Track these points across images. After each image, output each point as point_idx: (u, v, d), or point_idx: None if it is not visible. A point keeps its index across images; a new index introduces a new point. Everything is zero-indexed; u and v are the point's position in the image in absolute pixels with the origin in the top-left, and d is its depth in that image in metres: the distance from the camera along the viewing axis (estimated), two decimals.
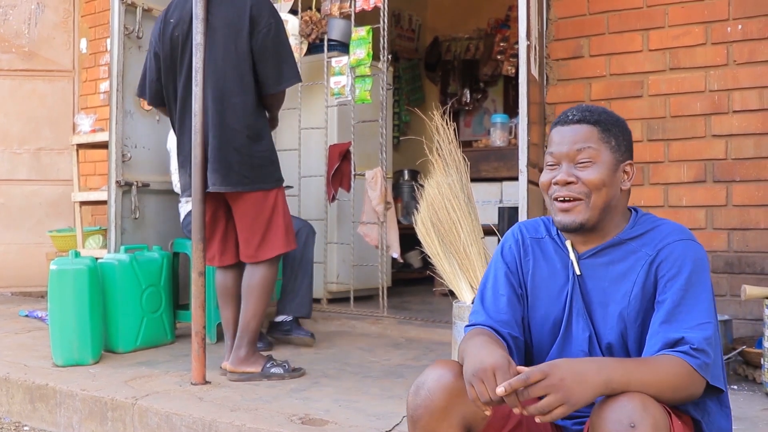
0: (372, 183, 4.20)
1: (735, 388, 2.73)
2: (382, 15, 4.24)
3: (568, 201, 1.47)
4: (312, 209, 4.50)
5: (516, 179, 2.88)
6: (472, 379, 1.30)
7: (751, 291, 2.65)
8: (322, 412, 2.39)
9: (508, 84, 6.97)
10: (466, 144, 5.27)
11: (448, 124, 3.05)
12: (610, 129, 1.49)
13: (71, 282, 3.10)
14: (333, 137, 4.59)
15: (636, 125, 3.35)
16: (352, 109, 4.41)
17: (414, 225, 3.08)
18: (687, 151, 3.28)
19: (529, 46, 2.87)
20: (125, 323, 3.37)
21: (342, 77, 4.35)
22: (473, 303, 1.69)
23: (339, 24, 4.57)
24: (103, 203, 3.99)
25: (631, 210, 1.55)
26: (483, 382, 1.28)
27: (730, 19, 3.19)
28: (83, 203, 4.62)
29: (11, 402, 2.92)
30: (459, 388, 1.39)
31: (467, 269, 2.89)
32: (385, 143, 4.36)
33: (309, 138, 4.55)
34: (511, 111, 6.23)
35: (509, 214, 4.46)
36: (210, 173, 2.81)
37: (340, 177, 4.34)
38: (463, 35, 7.36)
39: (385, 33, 4.29)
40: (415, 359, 3.29)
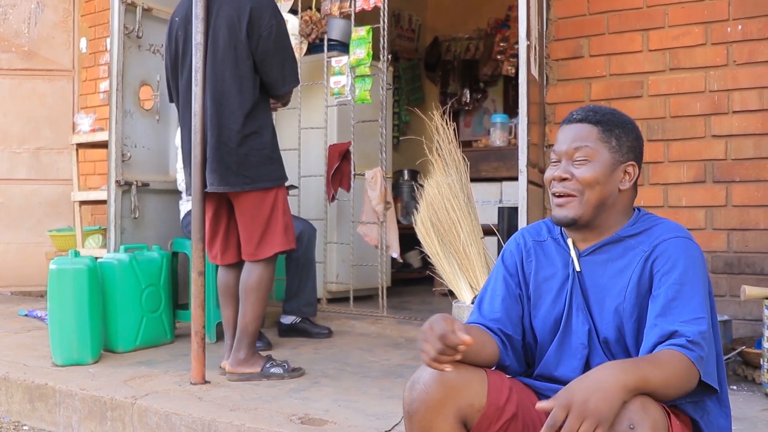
0: (372, 183, 4.20)
1: (734, 388, 2.73)
2: (382, 15, 4.24)
3: (562, 197, 1.51)
4: (312, 209, 4.50)
5: (516, 179, 2.88)
6: (419, 345, 1.38)
7: (751, 291, 2.65)
8: (321, 411, 2.39)
9: (507, 84, 6.97)
10: (465, 144, 5.27)
11: (447, 124, 3.06)
12: (612, 130, 1.51)
13: (71, 281, 3.10)
14: (333, 137, 4.59)
15: None
16: (351, 109, 4.41)
17: (414, 225, 3.08)
18: (687, 152, 3.28)
19: (529, 46, 2.87)
20: (125, 323, 3.37)
21: (342, 77, 4.35)
22: (473, 304, 1.71)
23: (339, 24, 4.57)
24: (103, 203, 3.99)
25: (636, 209, 1.57)
26: (425, 341, 1.36)
27: (730, 20, 3.19)
28: (83, 203, 4.62)
29: (10, 401, 2.92)
30: (454, 382, 1.42)
31: (467, 269, 2.89)
32: (385, 143, 4.35)
33: (309, 138, 4.55)
34: (511, 111, 6.23)
35: (509, 214, 4.46)
36: (208, 173, 2.81)
37: (339, 177, 4.34)
38: (463, 35, 7.35)
39: (385, 33, 4.29)
40: (415, 359, 3.29)
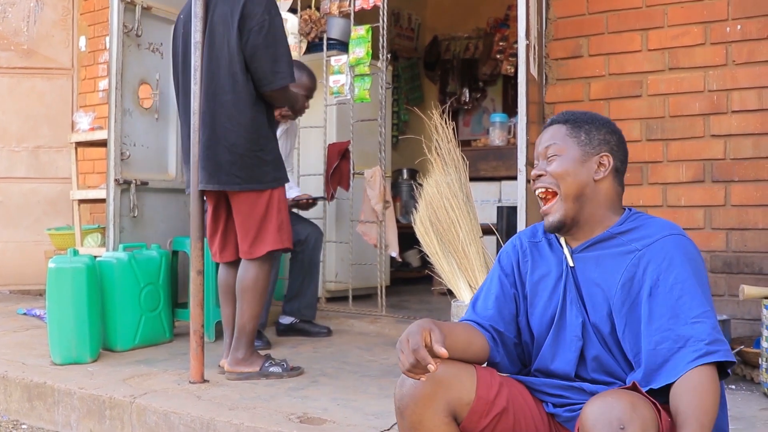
0: (371, 182, 4.20)
1: (733, 387, 2.73)
2: (381, 14, 4.24)
3: (546, 200, 1.58)
4: (311, 208, 4.49)
5: (515, 179, 2.88)
6: (397, 352, 1.42)
7: (749, 291, 2.65)
8: (320, 410, 2.39)
9: (507, 83, 6.97)
10: (464, 143, 5.27)
11: (447, 123, 3.06)
12: (580, 126, 1.59)
13: (69, 280, 3.09)
14: (332, 136, 4.59)
15: (635, 125, 3.35)
16: (351, 108, 4.41)
17: (413, 224, 3.08)
18: (686, 151, 3.28)
19: (529, 45, 2.87)
20: (123, 321, 3.37)
21: (341, 76, 4.35)
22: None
23: (338, 23, 4.56)
24: (102, 201, 3.99)
25: (626, 209, 1.61)
26: (401, 351, 1.39)
27: (729, 19, 3.19)
28: (82, 201, 4.62)
29: (9, 400, 2.91)
30: (443, 376, 1.46)
31: (466, 268, 2.89)
32: (384, 142, 4.36)
33: (308, 137, 4.55)
34: (510, 110, 6.23)
35: (508, 213, 4.45)
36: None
37: (339, 176, 4.34)
38: (463, 34, 7.35)
39: (385, 32, 4.29)
40: None
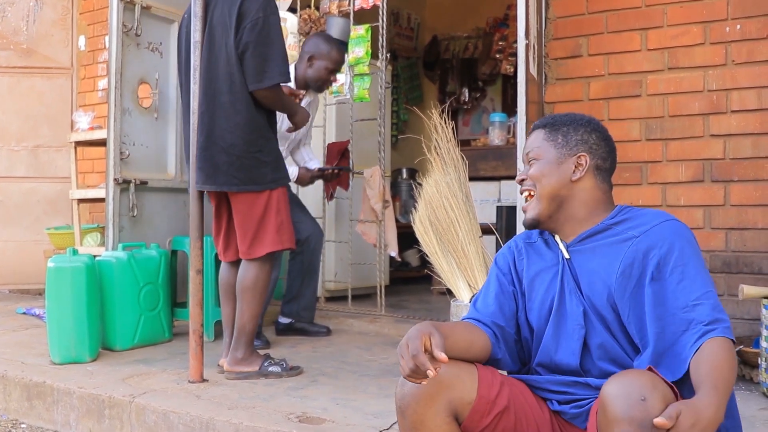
0: (370, 181, 4.20)
1: None
2: (380, 13, 4.24)
3: (527, 199, 1.65)
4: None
5: (514, 178, 2.86)
6: (398, 356, 1.40)
7: (749, 291, 2.65)
8: (319, 410, 2.39)
9: (506, 83, 6.97)
10: (464, 143, 5.25)
11: (446, 122, 3.05)
12: (558, 128, 1.64)
13: (69, 280, 3.09)
14: (331, 135, 4.59)
15: (634, 125, 3.35)
16: (350, 108, 4.41)
17: (412, 224, 3.08)
18: (685, 151, 3.28)
19: (528, 45, 2.87)
20: (123, 321, 3.37)
21: (340, 75, 4.34)
22: (471, 303, 1.75)
23: (338, 22, 4.55)
24: (101, 201, 3.98)
25: (618, 206, 1.64)
26: (402, 357, 1.38)
27: (728, 19, 3.19)
28: (81, 201, 4.61)
29: (8, 399, 2.91)
30: (444, 376, 1.46)
31: (465, 268, 2.89)
32: (384, 142, 4.36)
33: None
34: (510, 110, 6.23)
35: (507, 213, 4.46)
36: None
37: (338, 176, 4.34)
38: (462, 34, 7.35)
39: (384, 31, 4.29)
40: None
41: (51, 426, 2.76)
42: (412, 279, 5.95)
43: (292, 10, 4.63)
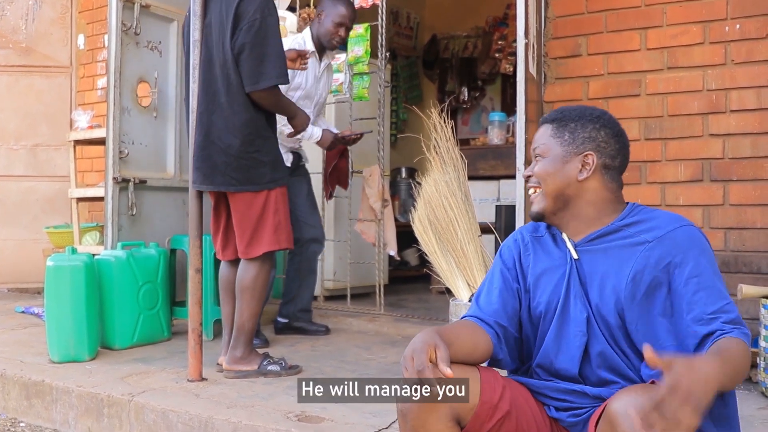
0: (369, 180, 4.20)
1: None
2: (380, 12, 4.24)
3: (533, 193, 1.61)
4: None
5: (513, 177, 2.88)
6: (401, 369, 1.39)
7: (748, 290, 2.66)
8: (318, 409, 2.39)
9: (505, 82, 6.97)
10: (463, 142, 5.24)
11: (445, 121, 3.05)
12: (566, 125, 1.58)
13: (68, 278, 3.09)
14: None
15: (633, 124, 3.35)
16: (349, 107, 4.41)
17: (411, 223, 3.08)
18: (684, 151, 3.28)
19: (527, 44, 2.87)
20: (122, 320, 3.37)
21: (340, 74, 4.35)
22: (470, 302, 1.73)
23: None
24: (100, 200, 3.98)
25: (629, 204, 1.59)
26: (405, 369, 1.37)
27: (728, 19, 3.19)
28: (80, 199, 4.61)
29: (7, 398, 2.91)
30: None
31: (464, 267, 2.89)
32: (383, 141, 4.36)
33: None
34: (509, 109, 6.23)
35: (506, 212, 4.45)
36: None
37: (337, 174, 4.34)
38: (462, 33, 7.35)
39: (383, 30, 4.29)
40: None
41: (50, 425, 2.76)
42: (411, 278, 5.95)
43: (291, 9, 4.62)
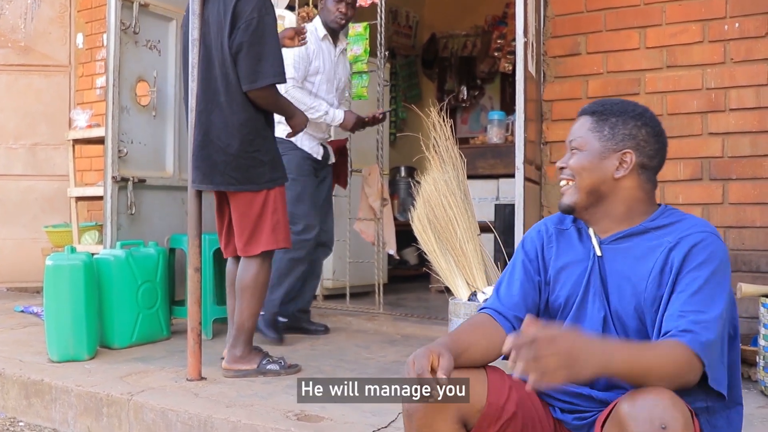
0: (369, 179, 4.20)
1: None
2: (379, 11, 4.24)
3: (564, 186, 1.56)
4: None
5: (513, 176, 2.88)
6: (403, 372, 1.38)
7: (747, 289, 2.66)
8: (317, 408, 2.39)
9: (505, 81, 6.97)
10: (462, 141, 5.24)
11: (444, 120, 3.05)
12: (607, 119, 1.53)
13: (67, 278, 3.09)
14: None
15: None
16: (349, 106, 4.40)
17: (410, 222, 3.08)
18: (683, 149, 3.28)
19: (527, 43, 2.87)
20: (121, 319, 3.37)
21: None
22: (469, 301, 1.72)
23: None
24: (99, 199, 3.98)
25: (660, 205, 1.56)
26: (407, 372, 1.35)
27: (727, 17, 3.19)
28: (79, 199, 4.60)
29: (6, 397, 2.91)
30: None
31: (463, 266, 2.89)
32: (382, 140, 4.35)
33: None
34: (508, 108, 6.24)
35: (506, 211, 4.46)
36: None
37: (336, 173, 4.34)
38: (461, 32, 7.35)
39: (383, 29, 4.29)
40: None
41: (49, 424, 2.76)
42: (410, 277, 5.95)
43: (290, 7, 4.62)
